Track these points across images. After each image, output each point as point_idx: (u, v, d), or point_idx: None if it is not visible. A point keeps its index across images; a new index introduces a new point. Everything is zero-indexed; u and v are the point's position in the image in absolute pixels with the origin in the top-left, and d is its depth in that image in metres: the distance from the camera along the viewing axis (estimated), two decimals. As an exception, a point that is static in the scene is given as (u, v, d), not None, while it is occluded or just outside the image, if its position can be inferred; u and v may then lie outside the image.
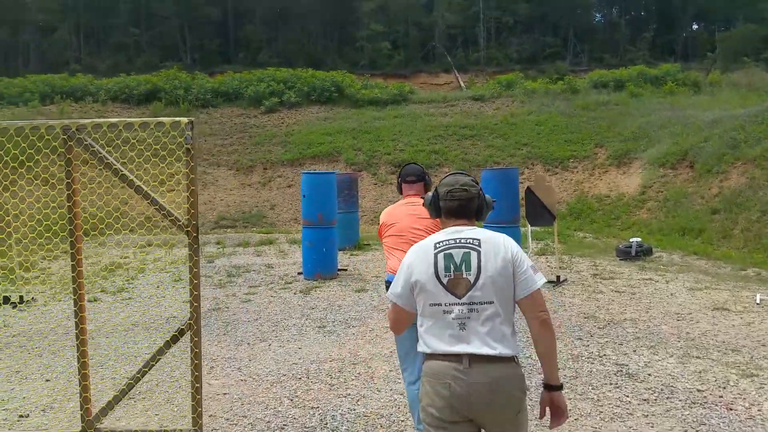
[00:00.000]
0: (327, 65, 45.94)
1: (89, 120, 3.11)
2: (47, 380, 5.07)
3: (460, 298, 2.27)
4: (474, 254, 2.30)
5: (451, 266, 2.30)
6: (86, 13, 50.57)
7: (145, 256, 11.54)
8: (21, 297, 7.93)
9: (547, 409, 2.37)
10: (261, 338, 6.37)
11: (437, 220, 3.27)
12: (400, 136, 21.59)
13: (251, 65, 45.80)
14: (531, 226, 9.70)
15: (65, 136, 3.10)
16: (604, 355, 5.60)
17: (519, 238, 9.49)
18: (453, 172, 2.63)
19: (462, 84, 46.30)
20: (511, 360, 2.28)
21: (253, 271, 10.43)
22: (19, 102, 23.71)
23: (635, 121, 20.30)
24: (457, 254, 2.31)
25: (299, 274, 9.89)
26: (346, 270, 10.28)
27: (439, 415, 2.24)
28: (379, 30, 52.19)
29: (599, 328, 6.49)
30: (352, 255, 12.02)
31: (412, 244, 3.24)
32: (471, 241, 2.33)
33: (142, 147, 4.09)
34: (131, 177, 3.14)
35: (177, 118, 3.08)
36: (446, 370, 2.23)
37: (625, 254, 10.87)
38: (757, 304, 7.40)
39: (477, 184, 2.52)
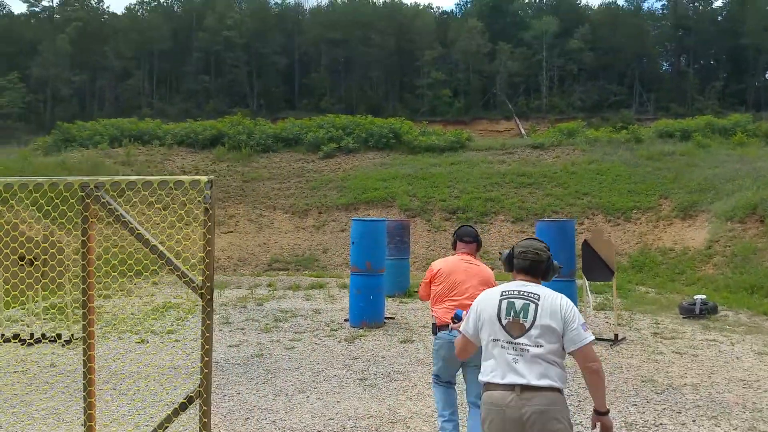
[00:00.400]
0: (388, 112, 46.84)
1: (108, 177, 3.11)
2: (83, 424, 5.11)
3: (514, 338, 2.79)
4: (532, 306, 2.82)
5: (512, 312, 2.82)
6: (160, 61, 53.57)
7: (198, 295, 11.66)
8: (71, 335, 8.10)
9: (598, 426, 2.89)
10: (300, 389, 6.26)
11: (487, 278, 4.42)
12: (455, 182, 21.52)
13: (314, 111, 47.29)
14: (588, 280, 9.32)
15: (83, 194, 3.09)
16: (661, 424, 5.21)
17: (575, 292, 9.11)
18: (530, 237, 3.19)
19: (522, 131, 46.07)
20: (557, 390, 2.75)
21: (301, 316, 10.39)
22: (89, 144, 24.98)
23: (702, 173, 19.51)
24: (519, 303, 2.84)
25: (345, 321, 9.79)
26: (393, 318, 10.11)
27: None
28: (440, 78, 52.96)
29: (657, 393, 6.07)
30: (401, 303, 11.85)
31: (461, 294, 4.30)
32: (532, 295, 2.86)
33: (160, 206, 4.17)
34: (147, 236, 3.09)
35: (197, 177, 3.06)
36: (501, 399, 2.73)
37: (689, 312, 10.27)
38: (834, 374, 6.81)
39: (548, 250, 3.02)
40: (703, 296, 10.70)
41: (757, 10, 52.96)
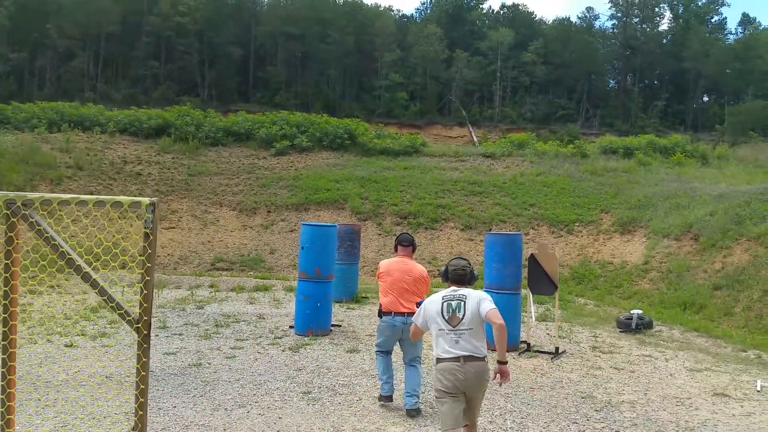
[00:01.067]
0: (344, 111, 46.62)
1: (38, 195, 2.81)
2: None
3: (454, 327, 4.17)
4: (462, 303, 4.23)
5: (450, 309, 4.19)
6: (107, 43, 51.51)
7: (132, 296, 11.15)
8: None
9: (498, 375, 4.19)
10: (240, 403, 6.00)
11: (417, 276, 5.99)
12: (408, 187, 21.60)
13: (268, 105, 46.53)
14: (532, 293, 9.50)
15: (8, 211, 2.76)
16: (600, 444, 5.34)
17: (519, 304, 9.25)
18: (456, 257, 4.67)
19: (475, 138, 46.75)
20: (484, 359, 4.18)
21: (243, 321, 10.06)
22: (25, 127, 23.42)
23: (642, 190, 20.27)
24: (454, 303, 4.23)
25: (290, 327, 9.54)
26: (340, 326, 9.96)
27: (447, 390, 4.10)
28: (397, 80, 53.16)
29: (596, 410, 6.21)
30: (348, 309, 11.73)
31: (400, 289, 5.91)
32: (462, 296, 4.28)
33: (95, 228, 3.85)
34: (79, 262, 2.80)
35: (137, 199, 2.81)
36: (451, 366, 4.08)
37: (626, 326, 10.60)
38: (758, 391, 7.11)
39: (470, 265, 4.49)
40: (640, 311, 11.06)
41: (699, 36, 55.54)
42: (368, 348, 8.49)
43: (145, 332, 2.86)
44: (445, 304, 4.22)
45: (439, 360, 4.17)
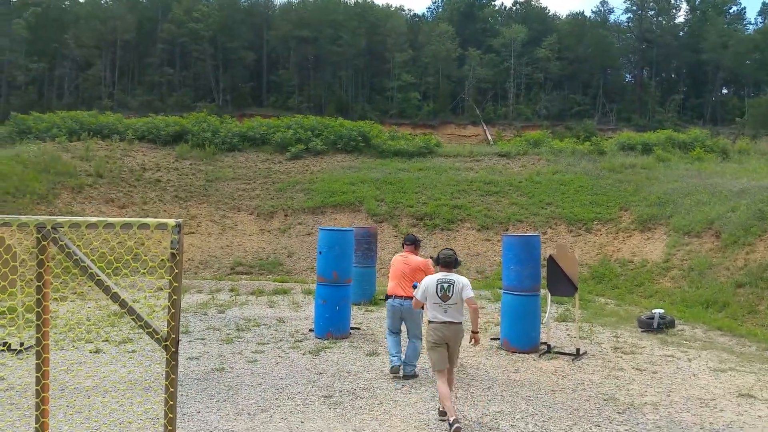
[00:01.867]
0: (357, 112, 46.71)
1: (66, 218, 2.85)
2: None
3: (444, 302, 5.78)
4: (452, 285, 5.80)
5: (443, 289, 5.77)
6: (123, 51, 52.17)
7: (156, 301, 11.34)
8: (22, 343, 7.60)
9: (473, 340, 5.91)
10: (263, 407, 6.07)
11: (414, 266, 7.38)
12: (423, 189, 21.57)
13: (282, 108, 46.80)
14: (551, 295, 9.42)
15: (39, 236, 2.81)
16: (624, 447, 5.30)
17: (539, 306, 9.18)
18: (445, 248, 6.25)
19: (489, 136, 46.56)
20: (461, 323, 5.87)
21: (264, 325, 10.16)
22: (46, 137, 23.94)
23: (661, 187, 19.99)
24: (446, 285, 5.81)
25: (310, 331, 9.62)
26: (359, 329, 10.00)
27: (436, 342, 5.76)
28: (410, 80, 53.11)
29: (618, 412, 6.15)
30: (367, 311, 11.76)
31: (400, 277, 7.38)
32: (451, 279, 5.84)
33: (122, 251, 3.92)
34: (108, 282, 2.85)
35: (164, 220, 2.85)
36: (439, 327, 5.73)
37: (647, 326, 10.46)
38: (786, 392, 7.03)
39: (455, 254, 6.07)
40: (661, 310, 10.91)
41: (716, 27, 54.75)
42: (387, 351, 8.48)
43: (173, 350, 2.91)
44: (439, 285, 5.83)
45: (431, 322, 5.83)
